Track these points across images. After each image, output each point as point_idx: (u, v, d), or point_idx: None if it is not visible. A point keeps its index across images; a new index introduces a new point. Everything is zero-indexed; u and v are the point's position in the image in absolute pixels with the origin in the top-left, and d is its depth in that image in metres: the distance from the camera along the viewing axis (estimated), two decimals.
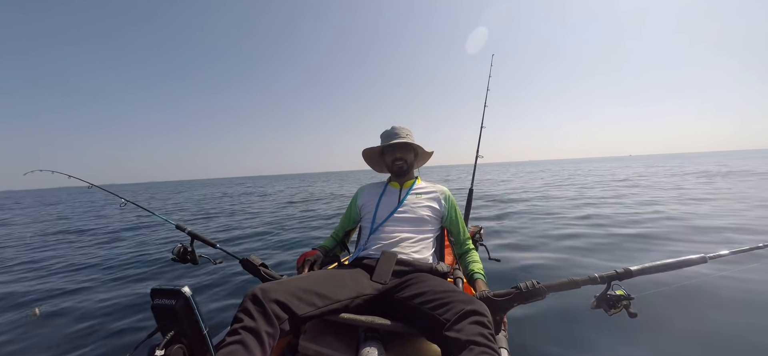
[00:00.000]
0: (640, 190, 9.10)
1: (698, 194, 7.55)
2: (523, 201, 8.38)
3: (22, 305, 2.82)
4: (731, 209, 5.48)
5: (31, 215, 12.05)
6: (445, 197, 1.55)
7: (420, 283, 1.08)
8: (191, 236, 1.40)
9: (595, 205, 6.76)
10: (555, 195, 9.32)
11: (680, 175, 14.04)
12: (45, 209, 15.10)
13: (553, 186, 12.10)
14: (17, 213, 13.58)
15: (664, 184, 10.36)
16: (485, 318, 0.87)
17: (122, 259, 4.34)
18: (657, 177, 13.63)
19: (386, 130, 1.60)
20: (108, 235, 6.36)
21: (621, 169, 23.43)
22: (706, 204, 6.05)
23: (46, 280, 3.54)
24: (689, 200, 6.70)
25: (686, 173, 14.68)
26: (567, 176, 18.20)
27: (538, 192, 10.55)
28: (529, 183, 14.36)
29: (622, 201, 7.21)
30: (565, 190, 10.39)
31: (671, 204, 6.32)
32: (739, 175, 12.29)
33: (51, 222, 9.23)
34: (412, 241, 1.37)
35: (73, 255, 4.83)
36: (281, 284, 0.96)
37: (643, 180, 12.16)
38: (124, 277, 3.55)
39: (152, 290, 0.87)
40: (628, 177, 14.59)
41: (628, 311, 0.92)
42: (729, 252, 1.00)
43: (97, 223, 8.33)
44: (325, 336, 1.11)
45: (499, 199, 8.95)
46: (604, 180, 13.75)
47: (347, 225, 1.69)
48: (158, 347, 0.77)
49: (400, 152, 1.54)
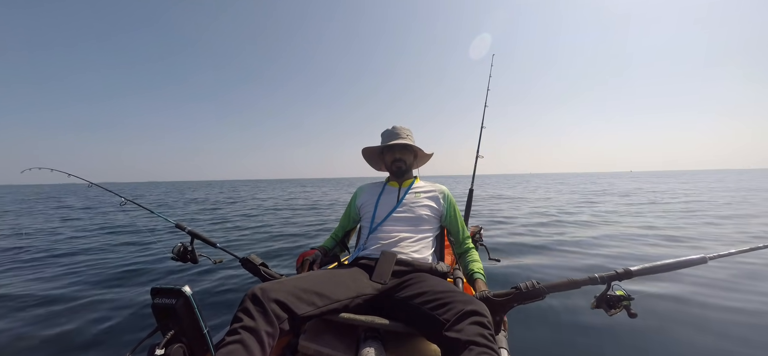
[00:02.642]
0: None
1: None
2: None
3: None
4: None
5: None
6: (444, 196, 1.55)
7: (420, 283, 1.08)
8: (191, 235, 1.40)
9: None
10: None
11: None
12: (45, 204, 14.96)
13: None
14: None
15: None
16: (485, 319, 0.87)
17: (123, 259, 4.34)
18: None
19: (387, 130, 1.60)
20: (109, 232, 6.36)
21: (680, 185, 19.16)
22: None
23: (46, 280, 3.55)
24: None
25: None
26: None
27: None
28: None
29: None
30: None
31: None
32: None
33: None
34: (412, 241, 1.37)
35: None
36: (281, 284, 0.96)
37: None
38: (125, 277, 3.55)
39: (152, 289, 0.87)
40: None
41: (629, 311, 0.92)
42: (729, 253, 1.00)
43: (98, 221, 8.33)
44: (324, 336, 1.11)
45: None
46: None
47: (347, 225, 1.69)
48: (158, 346, 0.77)
49: (399, 153, 1.54)
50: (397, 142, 1.50)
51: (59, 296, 2.96)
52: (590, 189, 18.18)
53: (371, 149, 1.65)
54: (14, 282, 3.43)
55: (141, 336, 0.93)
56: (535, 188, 20.79)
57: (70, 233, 6.73)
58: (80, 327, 2.35)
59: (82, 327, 2.35)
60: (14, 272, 3.85)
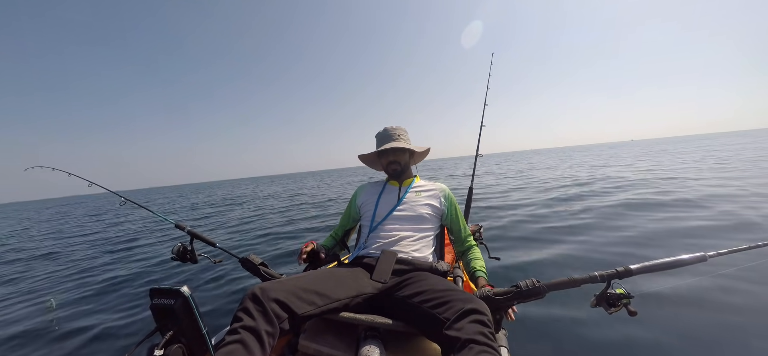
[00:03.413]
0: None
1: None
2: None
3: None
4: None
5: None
6: (445, 195, 1.54)
7: (420, 282, 1.08)
8: (191, 235, 1.40)
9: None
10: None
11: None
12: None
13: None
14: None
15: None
16: (485, 317, 0.86)
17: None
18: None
19: (380, 133, 1.61)
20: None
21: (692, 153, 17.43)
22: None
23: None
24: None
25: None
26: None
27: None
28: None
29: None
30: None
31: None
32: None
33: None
34: (412, 240, 1.37)
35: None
36: (281, 283, 0.96)
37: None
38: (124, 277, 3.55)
39: (151, 290, 0.86)
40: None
41: (628, 309, 0.92)
42: (728, 251, 1.00)
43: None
44: (325, 335, 1.11)
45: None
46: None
47: (347, 224, 1.68)
48: (157, 346, 0.77)
49: (393, 155, 1.55)
50: (389, 145, 1.50)
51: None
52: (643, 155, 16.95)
53: (367, 155, 1.65)
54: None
55: (140, 337, 0.93)
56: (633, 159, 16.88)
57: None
58: (80, 327, 2.35)
59: (82, 328, 2.35)
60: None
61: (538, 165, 17.76)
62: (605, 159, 19.11)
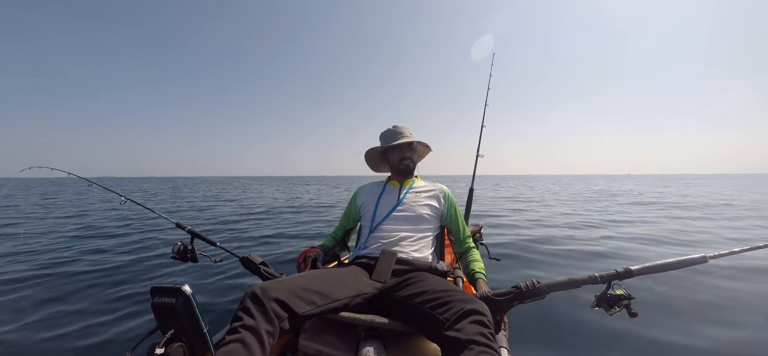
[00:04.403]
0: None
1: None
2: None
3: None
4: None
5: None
6: (445, 195, 1.55)
7: (420, 282, 1.08)
8: (191, 234, 1.40)
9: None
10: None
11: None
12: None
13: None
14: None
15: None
16: (485, 318, 0.86)
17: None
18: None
19: (388, 130, 1.60)
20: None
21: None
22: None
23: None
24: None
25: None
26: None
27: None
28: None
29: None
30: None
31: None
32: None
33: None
34: (412, 240, 1.37)
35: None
36: (281, 283, 0.96)
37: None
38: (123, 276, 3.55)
39: (152, 288, 0.86)
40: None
41: (629, 310, 0.92)
42: (729, 252, 1.00)
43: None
44: (324, 335, 1.11)
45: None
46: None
47: (347, 224, 1.69)
48: (158, 345, 0.77)
49: (408, 150, 1.55)
50: (404, 140, 1.50)
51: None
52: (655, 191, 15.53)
53: (373, 151, 1.64)
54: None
55: (140, 335, 0.93)
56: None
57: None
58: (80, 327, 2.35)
59: (80, 330, 2.35)
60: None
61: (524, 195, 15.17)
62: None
